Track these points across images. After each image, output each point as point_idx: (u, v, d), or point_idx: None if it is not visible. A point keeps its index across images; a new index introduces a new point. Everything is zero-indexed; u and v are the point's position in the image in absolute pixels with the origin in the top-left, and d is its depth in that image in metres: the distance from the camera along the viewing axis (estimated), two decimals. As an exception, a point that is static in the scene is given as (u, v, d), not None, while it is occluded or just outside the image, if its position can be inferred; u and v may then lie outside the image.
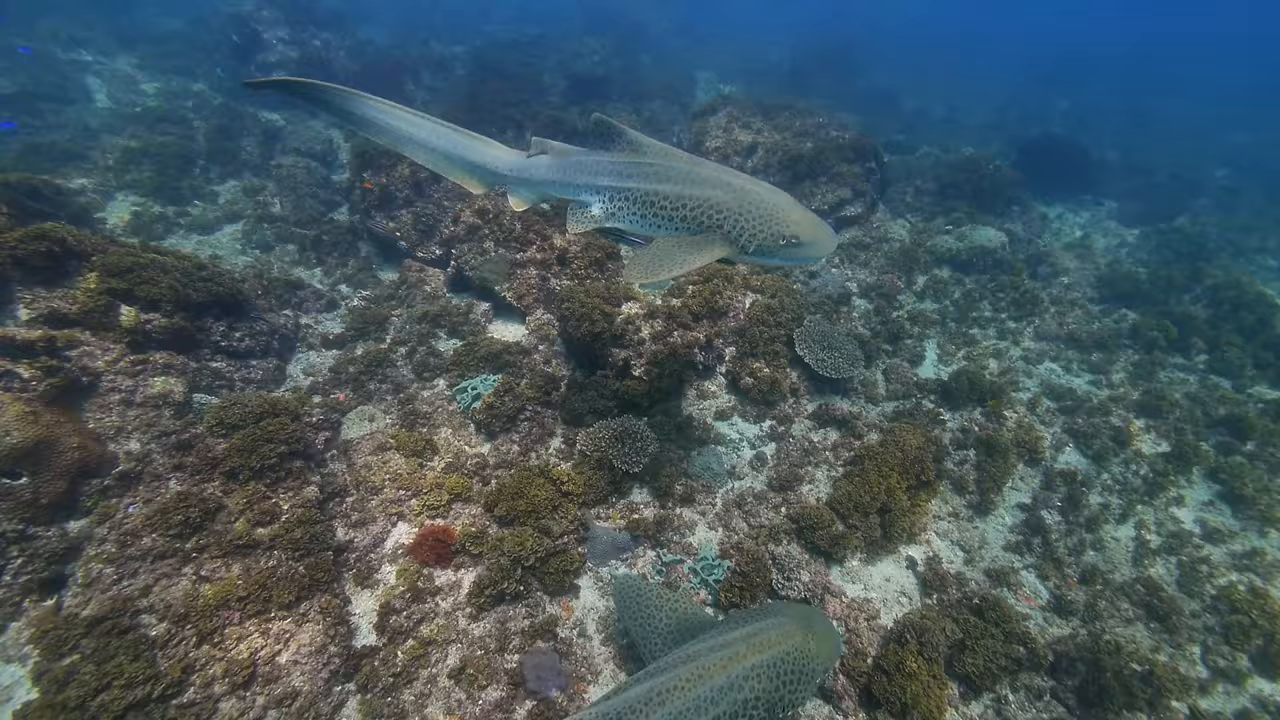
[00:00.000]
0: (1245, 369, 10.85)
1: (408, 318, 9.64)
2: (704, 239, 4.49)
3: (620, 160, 4.63)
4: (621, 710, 3.92)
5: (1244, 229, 17.03)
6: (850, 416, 8.61)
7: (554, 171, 4.86)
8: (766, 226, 4.38)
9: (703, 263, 4.37)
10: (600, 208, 4.74)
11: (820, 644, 4.47)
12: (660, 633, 5.02)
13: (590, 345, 8.56)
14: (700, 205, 4.44)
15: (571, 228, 4.82)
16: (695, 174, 4.51)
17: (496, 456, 7.40)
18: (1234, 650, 6.58)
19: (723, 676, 4.04)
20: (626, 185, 4.59)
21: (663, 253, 4.44)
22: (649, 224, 4.70)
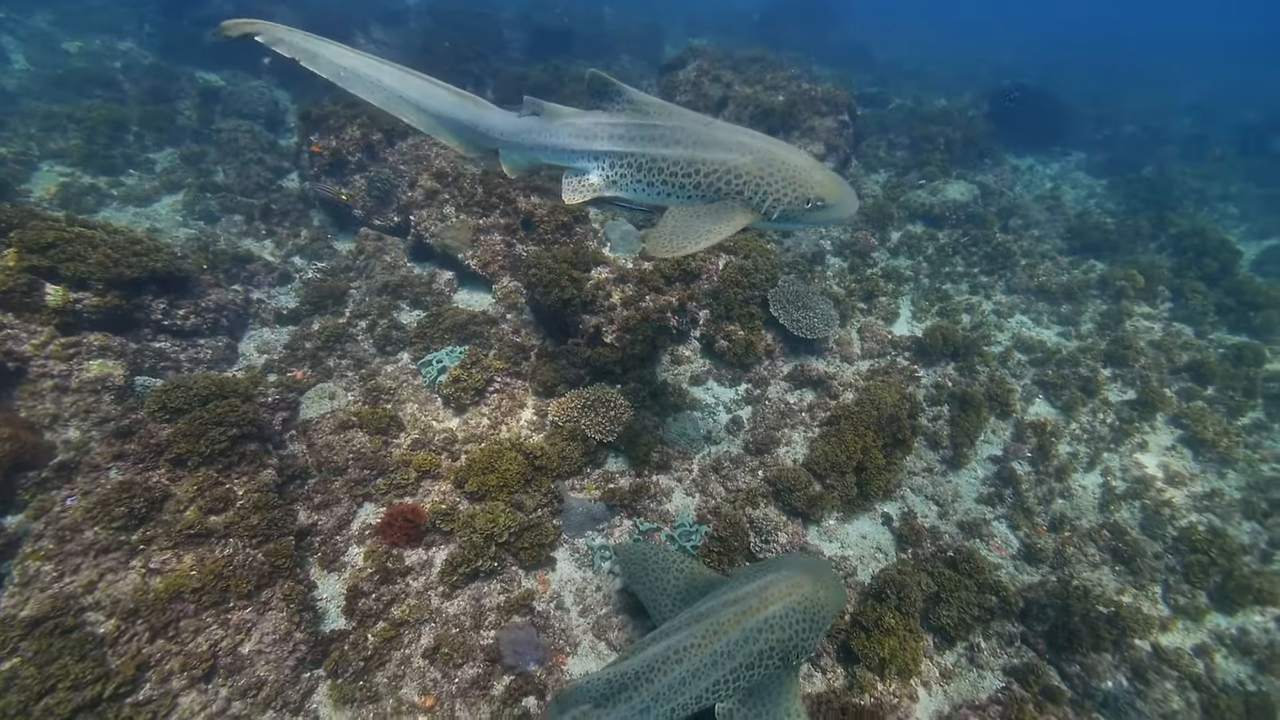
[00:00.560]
0: (1207, 315, 11.06)
1: (367, 289, 9.18)
2: (724, 207, 4.16)
3: (621, 122, 4.25)
4: (640, 669, 4.03)
5: (1207, 177, 17.24)
6: (826, 377, 8.54)
7: (547, 135, 4.47)
8: (791, 190, 4.07)
9: (728, 234, 4.06)
10: (599, 175, 4.40)
11: (827, 592, 4.60)
12: (669, 594, 5.05)
13: (560, 312, 8.26)
14: (716, 170, 4.09)
15: (568, 198, 4.45)
16: (707, 135, 4.14)
17: (465, 431, 7.16)
18: (1194, 588, 6.82)
19: (737, 630, 4.18)
20: (630, 150, 4.23)
21: (682, 224, 4.09)
22: (657, 192, 4.32)
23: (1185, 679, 5.97)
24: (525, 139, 4.54)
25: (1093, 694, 5.75)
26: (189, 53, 16.12)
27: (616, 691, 4.01)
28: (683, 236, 4.03)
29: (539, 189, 10.17)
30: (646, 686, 4.01)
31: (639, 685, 4.02)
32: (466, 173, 9.80)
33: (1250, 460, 8.43)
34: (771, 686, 4.32)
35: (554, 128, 4.45)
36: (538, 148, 4.55)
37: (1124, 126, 20.69)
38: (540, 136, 4.49)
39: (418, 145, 10.42)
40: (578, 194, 4.47)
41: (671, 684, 4.04)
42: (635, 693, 4.00)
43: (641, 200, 4.50)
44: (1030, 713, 4.92)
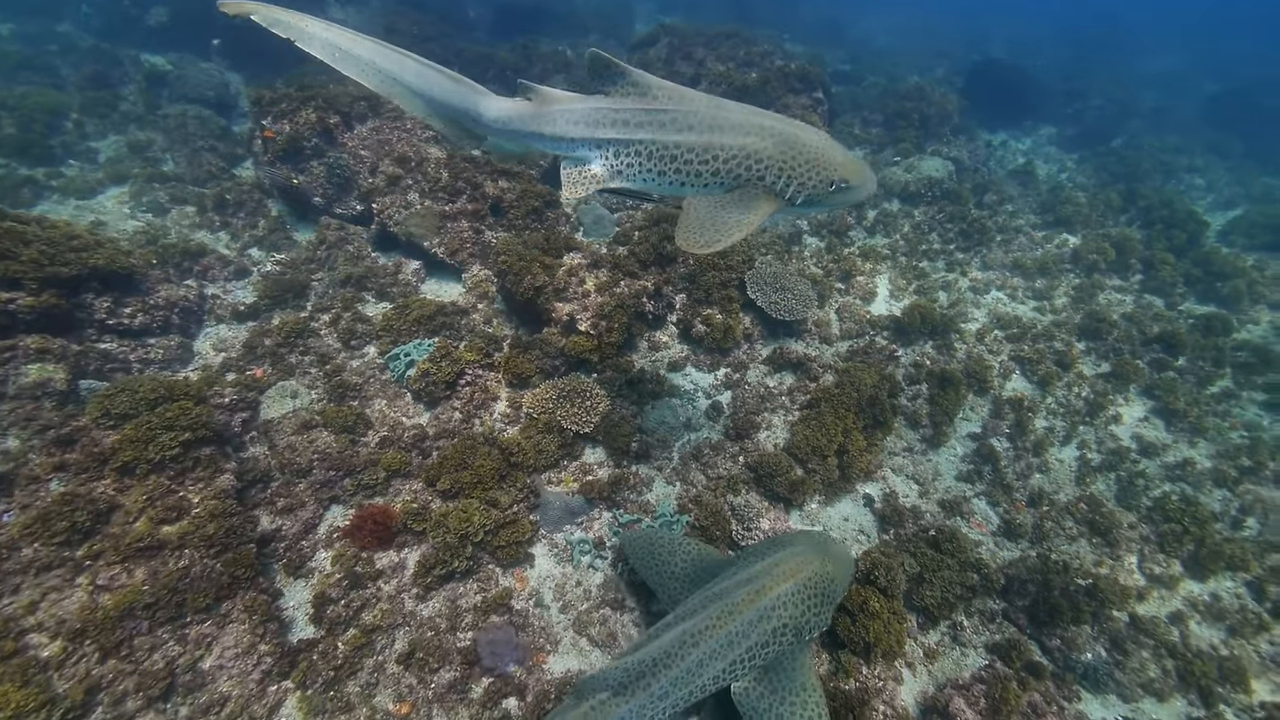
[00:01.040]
0: (1176, 286, 11.21)
1: (330, 281, 8.79)
2: (747, 195, 3.92)
3: (626, 106, 3.95)
4: (657, 655, 4.04)
5: (1174, 150, 17.46)
6: (805, 359, 8.43)
7: (542, 123, 4.17)
8: (815, 173, 3.88)
9: (757, 224, 3.82)
10: (603, 165, 4.11)
11: (837, 566, 4.65)
12: (677, 577, 5.04)
13: (532, 301, 8.00)
14: (736, 156, 3.85)
15: (569, 192, 4.16)
16: (721, 118, 3.87)
17: (437, 426, 6.90)
18: (1168, 557, 6.92)
19: (751, 610, 4.21)
20: (637, 137, 3.94)
21: (708, 216, 3.84)
22: (669, 182, 4.04)
23: (1161, 647, 6.06)
24: (518, 127, 4.25)
25: (1073, 666, 5.80)
26: (131, 34, 15.24)
27: (635, 679, 4.00)
28: (713, 229, 3.78)
29: (507, 173, 9.83)
30: (665, 672, 4.03)
31: (657, 671, 4.02)
32: (430, 157, 9.40)
33: (1220, 429, 8.58)
34: (786, 663, 4.36)
35: (550, 114, 4.15)
36: (532, 136, 4.27)
37: (1093, 100, 20.84)
38: (535, 124, 4.20)
39: (378, 129, 9.97)
40: (579, 186, 4.17)
41: (689, 667, 4.06)
42: (654, 679, 4.00)
43: (651, 191, 4.21)
44: (1014, 690, 4.93)
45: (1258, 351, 9.82)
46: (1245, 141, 18.95)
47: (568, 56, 15.72)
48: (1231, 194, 15.98)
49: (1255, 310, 11.13)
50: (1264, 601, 6.56)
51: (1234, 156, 18.12)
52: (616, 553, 6.00)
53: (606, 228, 10.46)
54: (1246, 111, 20.73)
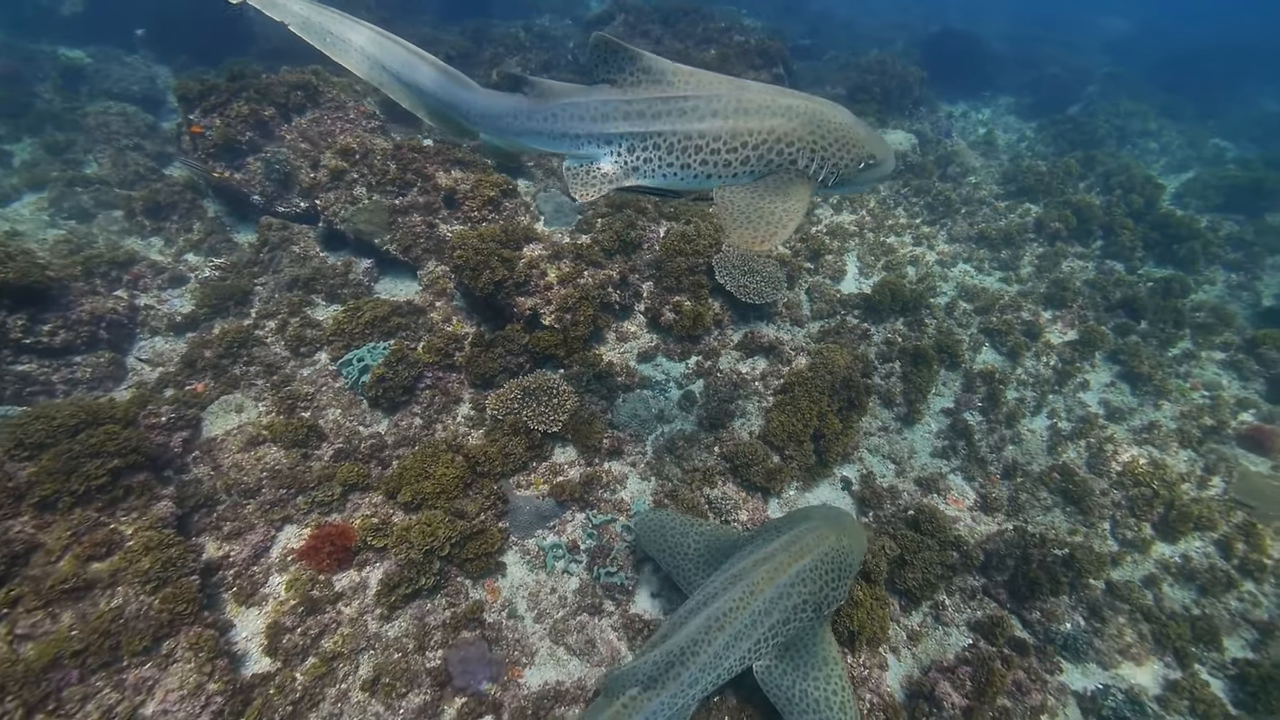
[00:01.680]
0: (1136, 251, 11.36)
1: (275, 285, 8.27)
2: (780, 181, 3.69)
3: (641, 96, 3.63)
4: (685, 644, 4.05)
5: (1128, 114, 17.71)
6: (777, 343, 8.27)
7: (540, 119, 3.82)
8: (845, 152, 3.71)
9: (803, 211, 3.61)
10: (615, 162, 3.79)
11: (851, 539, 4.69)
12: (691, 558, 5.00)
13: (492, 296, 7.64)
14: (765, 140, 3.60)
15: (580, 194, 3.81)
16: (746, 100, 3.60)
17: (396, 434, 6.55)
18: (1139, 521, 6.99)
19: (771, 588, 4.24)
20: (655, 129, 3.64)
21: (748, 207, 3.59)
22: (694, 175, 3.75)
23: (1137, 611, 6.13)
24: (510, 124, 3.89)
25: (1053, 638, 5.82)
26: (43, 27, 14.14)
27: (664, 670, 4.00)
28: (764, 222, 3.53)
29: (460, 161, 9.36)
30: (693, 659, 4.03)
31: (686, 660, 4.02)
32: (376, 148, 8.88)
33: (1182, 390, 8.73)
34: (806, 638, 4.39)
35: (550, 110, 3.80)
36: (527, 133, 3.90)
37: (1048, 69, 21.02)
38: (531, 121, 3.84)
39: (318, 120, 9.38)
40: (590, 188, 3.82)
41: (717, 652, 4.07)
42: (684, 668, 4.01)
43: (672, 186, 3.90)
44: (998, 670, 4.89)
45: (1214, 311, 10.02)
46: (1195, 104, 19.36)
47: (521, 38, 15.12)
48: (1184, 156, 16.31)
49: (1210, 270, 11.36)
50: (1231, 559, 6.69)
51: (1186, 119, 18.49)
52: (592, 555, 5.77)
53: (568, 216, 10.08)
54: (1195, 74, 21.17)
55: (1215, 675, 5.77)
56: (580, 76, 14.18)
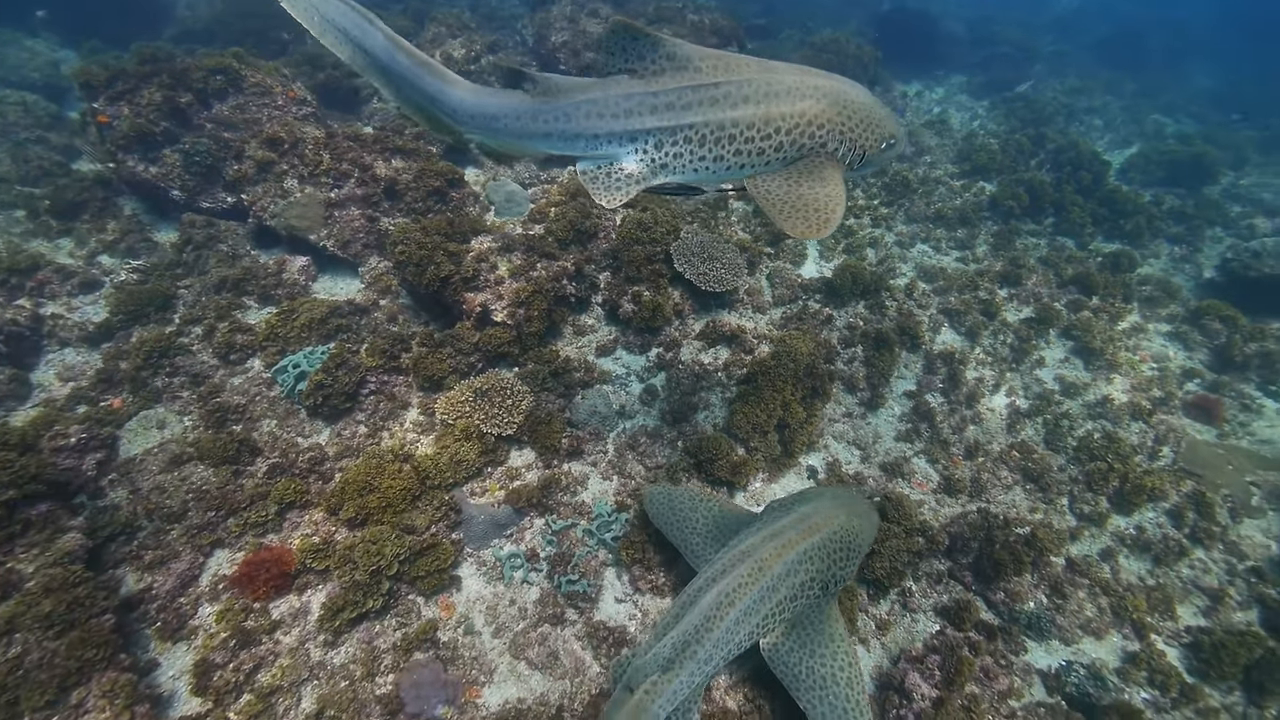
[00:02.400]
0: (1085, 227, 11.56)
1: (201, 288, 7.66)
2: (813, 166, 3.56)
3: (670, 86, 3.34)
4: (698, 623, 4.09)
5: (1074, 91, 18.07)
6: (739, 331, 8.08)
7: (552, 119, 3.43)
8: (870, 133, 3.67)
9: (844, 195, 3.50)
10: (640, 161, 3.50)
11: (861, 520, 4.75)
12: (699, 533, 5.04)
13: (439, 293, 7.22)
14: (796, 125, 3.45)
15: (605, 201, 3.52)
16: (776, 82, 3.42)
17: (338, 444, 6.13)
18: (1095, 495, 7.10)
19: (780, 565, 4.29)
20: (687, 121, 3.38)
21: (791, 197, 3.44)
22: (726, 167, 3.55)
23: (1095, 586, 6.21)
24: (510, 125, 3.50)
25: (1017, 618, 5.84)
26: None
27: (680, 651, 4.01)
28: (813, 210, 3.40)
29: (402, 150, 8.83)
30: (707, 636, 4.05)
31: (700, 638, 4.04)
32: (307, 137, 8.27)
33: (1132, 363, 8.91)
34: (813, 616, 4.42)
35: (562, 108, 3.42)
36: (533, 136, 3.52)
37: (998, 47, 21.27)
38: (538, 122, 3.45)
39: (242, 106, 8.69)
40: (617, 192, 3.53)
41: (728, 628, 4.11)
42: (699, 646, 4.04)
43: (701, 181, 3.69)
44: (967, 659, 4.85)
45: (1160, 284, 10.28)
46: (1136, 80, 19.90)
47: (466, 19, 14.40)
48: (1128, 132, 16.74)
49: (1155, 244, 11.66)
50: (1182, 528, 6.85)
51: (1127, 95, 18.98)
52: (552, 563, 5.52)
53: (520, 205, 9.66)
54: (1135, 51, 21.75)
55: (1171, 644, 5.90)
56: (530, 57, 13.62)
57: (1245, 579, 6.42)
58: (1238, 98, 19.53)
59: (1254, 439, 8.07)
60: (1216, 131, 16.58)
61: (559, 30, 12.71)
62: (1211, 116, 18.32)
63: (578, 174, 3.68)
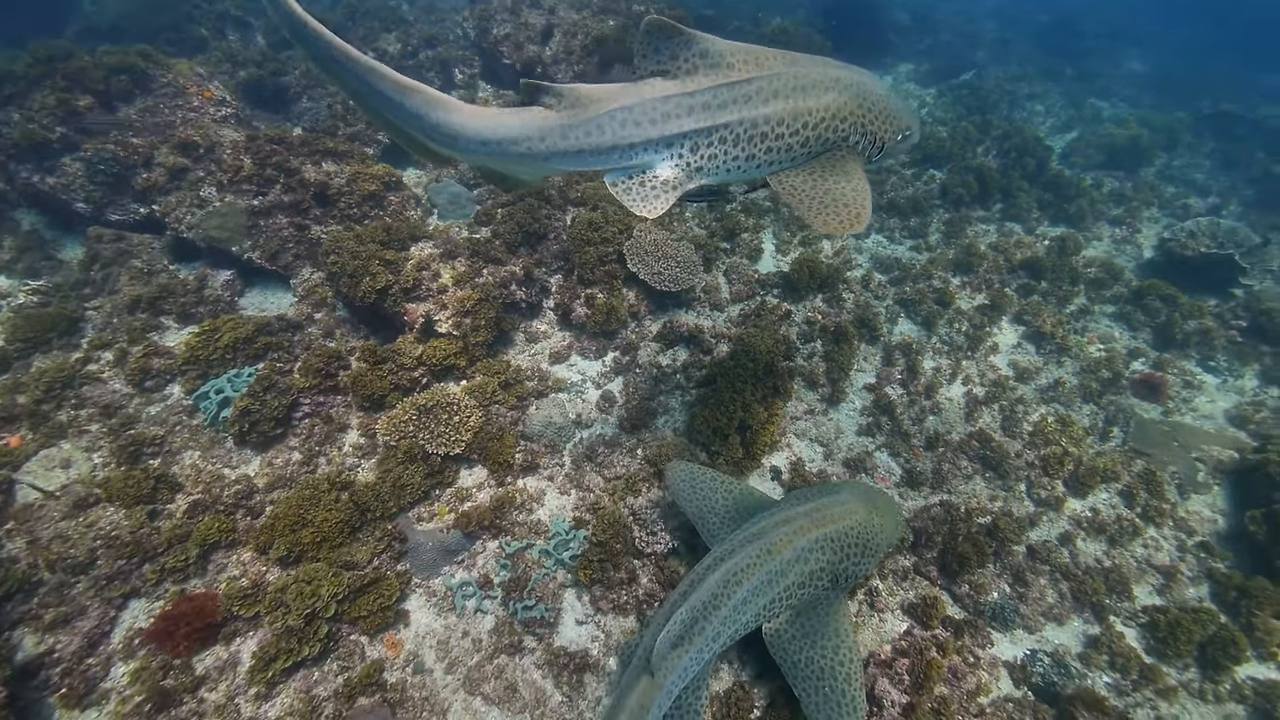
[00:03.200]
0: (1032, 211, 11.77)
1: (112, 309, 7.03)
2: (834, 160, 3.53)
3: (705, 86, 3.20)
4: (707, 601, 4.12)
5: (1016, 78, 18.47)
6: (697, 330, 7.89)
7: (579, 135, 3.16)
8: (888, 124, 3.67)
9: (869, 190, 3.48)
10: (675, 166, 3.34)
11: (883, 519, 4.71)
12: (718, 513, 5.04)
13: (377, 305, 6.79)
14: (822, 119, 3.42)
15: (647, 211, 3.31)
16: (802, 75, 3.37)
17: (269, 474, 5.67)
18: (1051, 479, 7.16)
19: (789, 550, 4.30)
20: (722, 121, 3.25)
21: (819, 193, 3.40)
22: (757, 165, 3.47)
23: (1056, 571, 6.25)
24: (535, 148, 3.18)
25: (982, 610, 5.82)
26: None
27: (689, 627, 4.04)
28: (843, 206, 3.36)
29: (333, 153, 8.29)
30: (715, 614, 4.10)
31: (709, 615, 4.09)
32: (225, 140, 7.66)
33: (1081, 345, 9.07)
34: (821, 608, 4.42)
35: (595, 122, 3.15)
36: (565, 156, 3.23)
37: (941, 35, 21.60)
38: (568, 139, 3.17)
39: (151, 109, 8.02)
40: (655, 200, 3.34)
41: (735, 606, 4.16)
42: (707, 622, 4.08)
43: (733, 181, 3.60)
44: (935, 661, 4.78)
45: (1104, 266, 10.52)
46: (1073, 65, 20.49)
47: (403, 12, 13.76)
48: (1067, 117, 17.19)
49: (1097, 226, 11.96)
50: (1134, 507, 6.97)
51: (1066, 81, 19.51)
52: (507, 588, 5.21)
53: (465, 207, 9.24)
54: (1071, 37, 22.40)
55: (1129, 625, 5.98)
56: (471, 51, 13.09)
57: (1195, 555, 6.57)
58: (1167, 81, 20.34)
59: (1197, 414, 8.32)
60: (1150, 115, 17.18)
61: (500, 23, 12.23)
62: (1144, 100, 19.00)
63: (607, 185, 3.43)
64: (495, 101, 12.20)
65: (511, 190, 3.31)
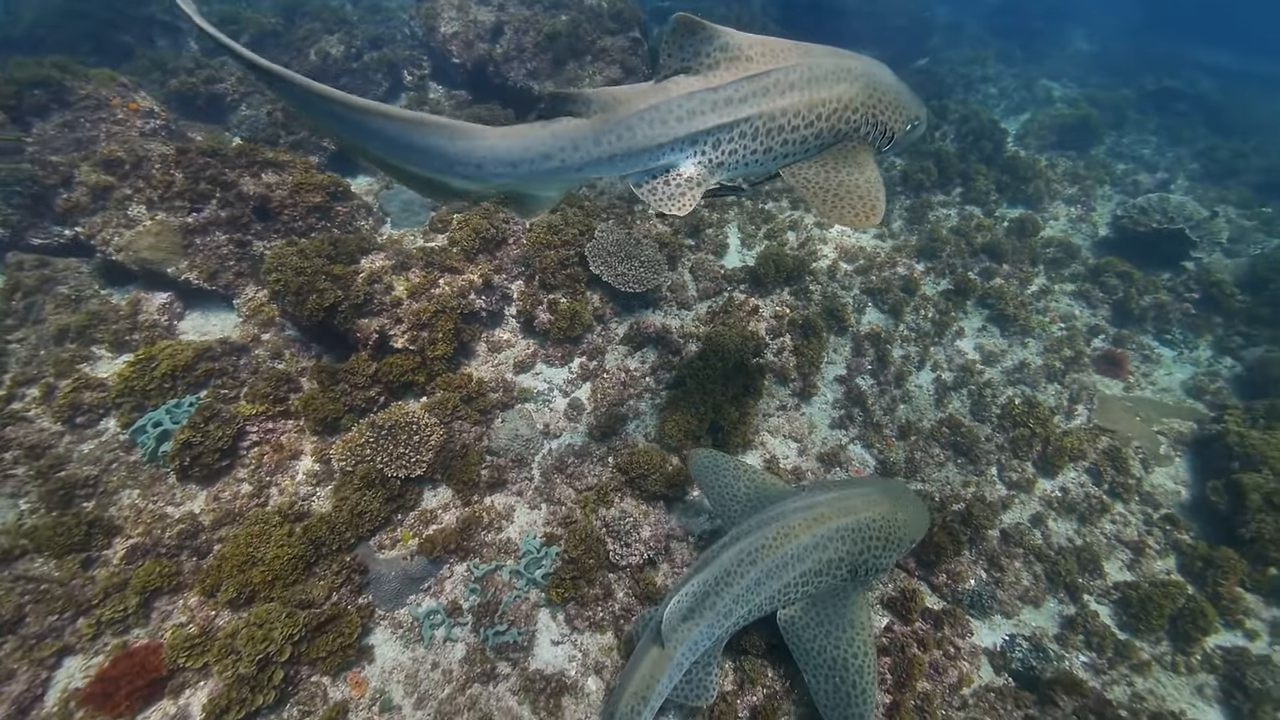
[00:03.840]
0: (990, 194, 11.90)
1: (37, 340, 6.56)
2: (846, 152, 3.52)
3: (727, 80, 3.20)
4: (719, 575, 4.16)
5: (969, 62, 18.71)
6: (665, 331, 7.73)
7: (611, 140, 3.11)
8: (897, 115, 3.66)
9: (882, 181, 3.50)
10: (698, 164, 3.34)
11: (907, 515, 4.69)
12: (739, 500, 5.04)
13: (327, 323, 6.46)
14: (835, 110, 3.43)
15: (678, 209, 3.32)
16: (815, 66, 3.38)
17: (216, 510, 5.34)
18: (1021, 461, 7.23)
19: (808, 536, 4.31)
20: (744, 115, 3.27)
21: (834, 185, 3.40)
22: (773, 158, 3.47)
23: (1029, 554, 6.29)
24: (570, 159, 3.10)
25: (960, 598, 5.83)
26: None
27: (700, 601, 4.09)
28: (858, 198, 3.37)
29: (273, 163, 7.87)
30: (727, 590, 4.14)
31: (720, 590, 4.13)
32: (153, 155, 7.19)
33: (1044, 325, 9.20)
34: (838, 599, 4.42)
35: (625, 123, 3.11)
36: (598, 164, 3.18)
37: (894, 20, 21.74)
38: (600, 145, 3.11)
39: (71, 124, 7.50)
40: (682, 199, 3.34)
41: (749, 585, 4.19)
42: (719, 598, 4.13)
43: (751, 174, 3.60)
44: (917, 658, 4.73)
45: (1062, 245, 10.69)
46: (1023, 48, 20.86)
47: (346, 12, 13.23)
48: (1020, 99, 17.48)
49: (1053, 206, 12.16)
50: (1102, 484, 7.08)
51: (1017, 63, 19.85)
52: (477, 614, 5.00)
53: (419, 214, 8.90)
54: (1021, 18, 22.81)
55: (1102, 602, 6.05)
56: (420, 51, 12.65)
57: (1161, 528, 6.69)
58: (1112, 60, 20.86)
59: (1156, 388, 8.50)
60: (1098, 93, 17.59)
61: (448, 21, 11.82)
62: (1092, 79, 19.44)
63: (632, 187, 3.38)
64: (447, 102, 11.81)
65: (533, 214, 3.16)
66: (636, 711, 3.94)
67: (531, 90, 11.51)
